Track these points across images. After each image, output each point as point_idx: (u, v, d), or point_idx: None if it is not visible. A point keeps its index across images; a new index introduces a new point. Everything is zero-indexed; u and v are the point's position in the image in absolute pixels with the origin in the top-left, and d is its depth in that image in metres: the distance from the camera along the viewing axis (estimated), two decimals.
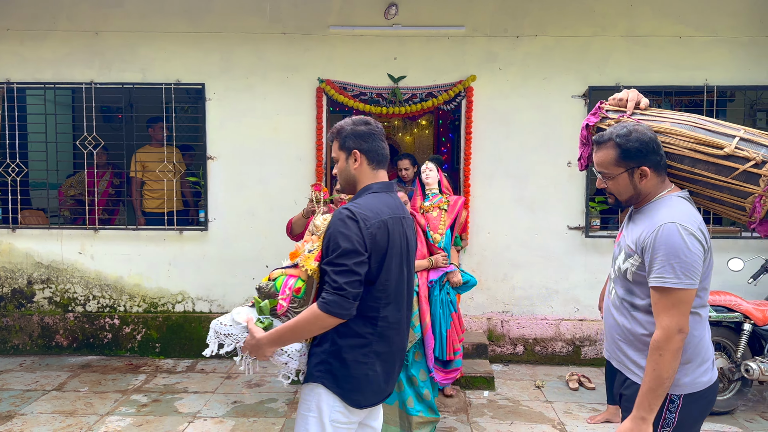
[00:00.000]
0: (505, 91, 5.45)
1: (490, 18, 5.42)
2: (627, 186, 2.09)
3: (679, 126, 2.08)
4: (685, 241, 1.92)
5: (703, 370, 2.02)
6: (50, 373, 5.17)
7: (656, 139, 2.05)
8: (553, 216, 5.46)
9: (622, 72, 5.38)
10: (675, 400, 2.02)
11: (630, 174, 2.06)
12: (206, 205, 5.55)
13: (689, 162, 2.05)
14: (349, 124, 2.24)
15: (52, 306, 5.67)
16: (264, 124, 5.51)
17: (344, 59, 5.47)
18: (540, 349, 5.54)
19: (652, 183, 2.06)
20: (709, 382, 2.03)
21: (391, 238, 2.12)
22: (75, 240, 5.63)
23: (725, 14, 5.33)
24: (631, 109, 2.17)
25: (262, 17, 5.46)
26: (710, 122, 2.09)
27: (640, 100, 2.20)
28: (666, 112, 2.16)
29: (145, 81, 5.52)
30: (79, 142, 5.59)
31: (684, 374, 2.01)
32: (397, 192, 2.35)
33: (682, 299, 1.92)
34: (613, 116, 2.19)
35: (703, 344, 2.04)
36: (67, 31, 5.53)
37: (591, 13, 5.39)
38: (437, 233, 4.14)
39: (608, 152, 2.07)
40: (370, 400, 2.18)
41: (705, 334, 2.05)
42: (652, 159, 2.03)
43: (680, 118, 2.11)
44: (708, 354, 2.05)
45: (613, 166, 2.08)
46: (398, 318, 2.21)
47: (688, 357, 2.00)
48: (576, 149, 5.40)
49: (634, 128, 2.05)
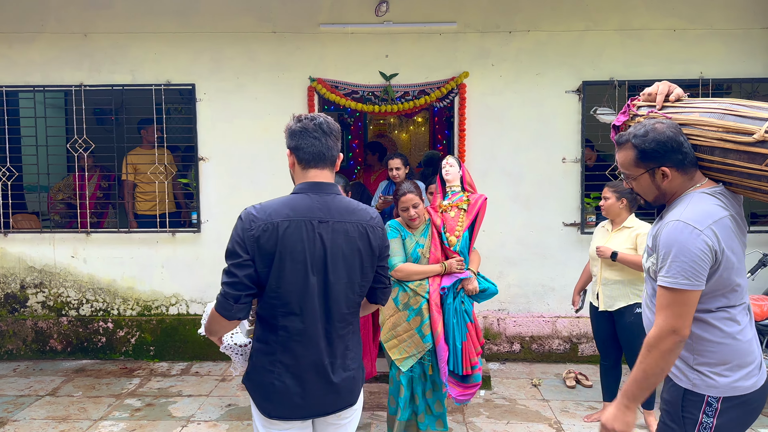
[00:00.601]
0: (498, 87, 5.40)
1: (482, 14, 5.37)
2: (650, 186, 2.03)
3: (708, 115, 1.94)
4: (687, 240, 1.86)
5: (744, 373, 1.93)
6: (44, 378, 5.14)
7: (676, 137, 1.94)
8: (548, 212, 5.42)
9: (616, 66, 5.33)
10: (713, 404, 1.93)
11: (651, 175, 2.00)
12: (198, 207, 5.51)
13: (720, 153, 1.92)
14: (289, 121, 2.14)
15: (46, 310, 5.63)
16: (255, 124, 5.46)
17: (335, 57, 5.43)
18: (537, 346, 5.50)
19: (678, 182, 1.98)
20: (753, 386, 1.94)
21: (283, 243, 1.96)
22: (67, 244, 5.59)
23: (719, 6, 5.28)
24: (660, 102, 2.07)
25: (252, 16, 5.41)
26: (745, 107, 1.92)
27: (672, 92, 2.08)
28: (698, 101, 2.03)
29: (135, 82, 5.48)
30: (70, 144, 5.54)
31: (719, 375, 1.93)
32: (339, 193, 2.12)
33: (679, 300, 1.87)
34: (643, 112, 2.09)
35: (741, 345, 1.94)
36: (56, 34, 5.48)
37: (584, 8, 5.34)
38: (453, 235, 3.72)
39: (627, 153, 2.01)
40: (280, 413, 2.06)
41: (743, 335, 1.95)
42: (672, 158, 1.94)
43: (711, 106, 1.97)
44: (750, 357, 1.95)
45: (633, 168, 2.02)
46: (302, 330, 2.01)
47: (721, 358, 1.93)
48: (570, 144, 5.39)
49: (653, 127, 1.96)
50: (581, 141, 5.38)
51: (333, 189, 2.10)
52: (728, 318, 1.94)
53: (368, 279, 2.14)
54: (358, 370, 2.17)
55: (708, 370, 1.94)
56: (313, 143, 2.07)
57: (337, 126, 2.13)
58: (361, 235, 2.08)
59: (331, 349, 2.07)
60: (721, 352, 1.93)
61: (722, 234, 1.90)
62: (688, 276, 1.85)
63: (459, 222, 3.75)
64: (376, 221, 2.15)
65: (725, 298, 1.93)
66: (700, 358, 1.96)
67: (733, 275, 1.93)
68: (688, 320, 1.89)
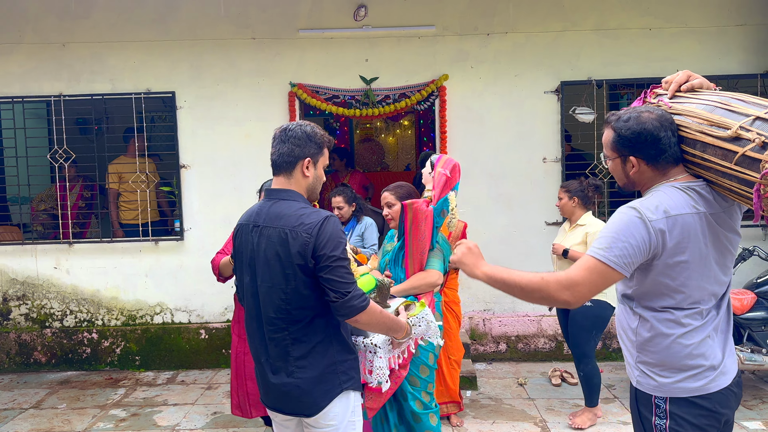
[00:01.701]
0: (478, 89, 5.43)
1: (460, 16, 5.40)
2: (620, 172, 1.97)
3: (702, 107, 1.82)
4: (630, 224, 1.78)
5: (687, 375, 1.84)
6: (28, 390, 5.10)
7: (656, 131, 1.83)
8: (530, 212, 5.45)
9: (594, 66, 5.38)
10: (660, 405, 1.87)
11: (622, 161, 1.93)
12: (181, 215, 5.49)
13: (700, 147, 1.80)
14: None
15: (29, 322, 5.59)
16: (237, 130, 5.46)
17: (315, 62, 5.44)
18: (523, 346, 5.52)
19: (646, 176, 1.90)
20: (704, 389, 1.83)
21: (238, 243, 2.25)
22: (50, 255, 5.56)
23: (694, 5, 5.35)
24: (672, 91, 1.94)
25: (231, 23, 5.42)
26: (742, 101, 1.78)
27: (688, 80, 1.94)
28: (707, 93, 1.89)
29: (115, 91, 5.46)
30: (50, 155, 5.52)
31: (658, 375, 1.87)
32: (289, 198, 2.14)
33: (598, 270, 1.77)
34: (654, 101, 1.99)
35: (683, 349, 1.83)
36: (34, 44, 5.46)
37: (561, 8, 5.38)
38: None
39: (608, 134, 1.96)
40: (263, 400, 2.31)
41: (687, 338, 1.84)
42: (645, 151, 1.86)
43: (713, 98, 1.84)
44: (697, 360, 1.83)
45: (609, 150, 1.97)
46: (248, 325, 2.24)
47: (660, 359, 1.86)
48: (550, 144, 5.43)
49: (638, 115, 1.87)
50: (561, 141, 5.41)
51: (280, 195, 2.16)
52: (672, 320, 1.84)
53: (295, 287, 2.06)
54: (309, 382, 2.10)
55: (648, 369, 1.89)
56: (273, 151, 2.19)
57: (302, 132, 2.15)
58: (281, 240, 2.07)
59: (266, 350, 2.17)
60: (660, 353, 1.86)
61: (677, 232, 1.79)
62: (617, 255, 1.77)
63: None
64: (303, 227, 2.04)
65: (671, 299, 1.84)
66: (641, 356, 1.90)
67: (686, 277, 1.82)
68: (592, 293, 1.81)
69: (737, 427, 4.03)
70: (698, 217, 1.82)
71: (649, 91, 2.06)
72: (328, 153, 2.25)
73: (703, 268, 1.84)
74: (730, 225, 1.90)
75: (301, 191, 2.17)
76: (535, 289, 1.84)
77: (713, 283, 1.87)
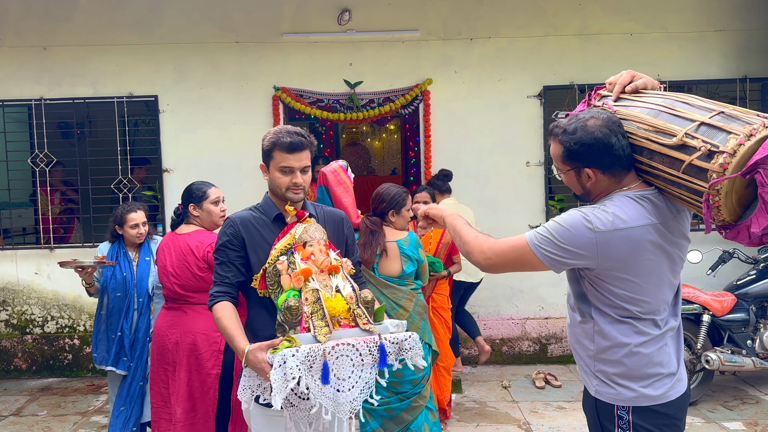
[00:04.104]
0: (462, 93, 5.46)
1: (443, 21, 5.43)
2: (575, 184, 1.89)
3: (646, 111, 1.76)
4: (574, 226, 1.74)
5: (646, 383, 1.81)
6: (8, 398, 5.02)
7: (607, 138, 1.75)
8: (514, 216, 5.47)
9: (576, 71, 5.43)
10: (623, 416, 1.82)
11: (577, 173, 1.85)
12: (164, 219, 5.46)
13: (647, 154, 1.74)
14: None
15: (9, 329, 5.52)
16: (220, 134, 5.45)
17: (299, 66, 5.44)
18: (507, 349, 5.54)
19: (603, 184, 1.82)
20: (663, 397, 1.81)
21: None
22: (30, 260, 5.49)
23: (674, 11, 5.42)
24: (616, 93, 1.88)
25: (214, 27, 5.41)
26: (687, 104, 1.74)
27: (632, 81, 1.88)
28: (651, 95, 1.84)
29: (97, 95, 5.42)
30: (31, 159, 5.46)
31: (618, 385, 1.83)
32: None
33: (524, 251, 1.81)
34: (599, 103, 1.91)
35: (642, 356, 1.81)
36: (14, 47, 5.40)
37: (543, 13, 5.43)
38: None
39: (556, 147, 1.87)
40: None
41: (646, 347, 1.81)
42: (598, 161, 1.78)
43: (657, 101, 1.79)
44: (654, 368, 1.81)
45: (561, 163, 1.88)
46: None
47: (618, 367, 1.83)
48: (533, 149, 5.46)
49: (584, 125, 1.78)
50: (544, 145, 5.46)
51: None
52: (631, 328, 1.81)
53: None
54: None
55: (606, 378, 1.84)
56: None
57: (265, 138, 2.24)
58: None
59: None
60: (618, 362, 1.82)
61: (626, 247, 1.75)
62: (547, 245, 1.77)
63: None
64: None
65: (627, 309, 1.80)
66: (599, 365, 1.86)
67: (640, 289, 1.78)
68: (504, 270, 1.93)
69: (718, 428, 4.08)
70: (652, 228, 1.77)
71: (593, 93, 1.98)
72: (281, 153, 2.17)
73: (656, 279, 1.81)
74: (681, 231, 1.86)
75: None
76: (465, 242, 1.97)
77: (666, 291, 1.84)
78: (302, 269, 2.05)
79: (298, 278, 2.05)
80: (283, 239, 2.14)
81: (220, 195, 3.20)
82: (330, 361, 1.93)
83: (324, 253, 2.10)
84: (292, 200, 2.20)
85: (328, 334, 1.96)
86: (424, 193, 4.53)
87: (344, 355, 1.95)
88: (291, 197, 2.19)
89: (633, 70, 1.90)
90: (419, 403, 3.29)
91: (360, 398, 1.99)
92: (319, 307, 2.01)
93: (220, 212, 3.17)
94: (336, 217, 2.38)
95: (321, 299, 2.02)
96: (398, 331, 2.06)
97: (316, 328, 1.98)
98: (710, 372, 4.41)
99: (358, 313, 2.04)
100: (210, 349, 3.01)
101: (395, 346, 2.02)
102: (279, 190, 2.19)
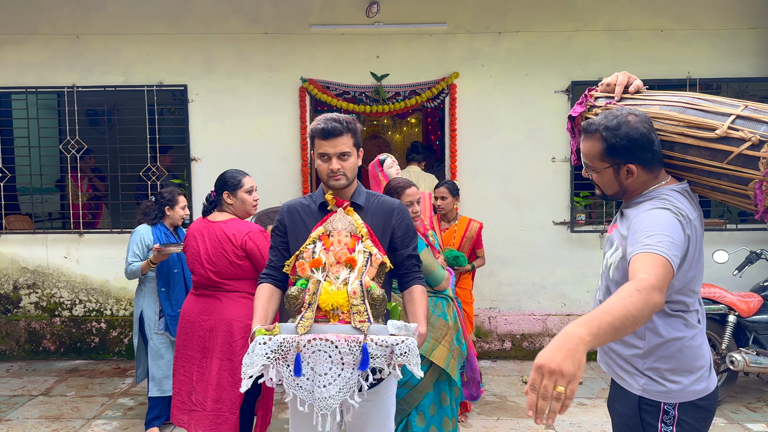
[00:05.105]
0: (489, 87, 5.45)
1: (471, 15, 5.42)
2: (612, 182, 1.89)
3: (669, 108, 1.84)
4: (674, 224, 1.72)
5: (694, 378, 1.83)
6: (37, 378, 5.15)
7: (649, 133, 1.80)
8: (538, 211, 5.47)
9: (604, 66, 5.38)
10: (669, 411, 1.83)
11: (616, 170, 1.85)
12: (191, 207, 5.52)
13: (680, 148, 1.82)
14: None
15: (39, 311, 5.65)
16: (247, 124, 5.50)
17: (327, 58, 5.47)
18: (528, 344, 5.55)
19: (641, 180, 1.85)
20: (705, 390, 1.84)
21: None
22: (60, 244, 5.61)
23: (705, 7, 5.35)
24: (619, 93, 1.95)
25: (243, 18, 5.45)
26: (706, 101, 1.83)
27: (631, 82, 1.96)
28: (658, 94, 1.93)
29: (128, 84, 5.50)
30: (62, 146, 5.57)
31: (669, 381, 1.83)
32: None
33: (663, 266, 1.60)
34: (601, 104, 1.97)
35: (692, 349, 1.83)
36: (48, 35, 5.50)
37: (572, 9, 5.39)
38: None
39: (594, 145, 1.85)
40: None
41: (695, 340, 1.84)
42: (642, 156, 1.81)
43: (672, 99, 1.88)
44: (701, 361, 1.85)
45: (598, 161, 1.87)
46: None
47: (672, 362, 1.82)
48: (560, 144, 5.44)
49: (626, 120, 1.80)
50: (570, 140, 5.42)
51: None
52: (681, 322, 1.83)
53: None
54: None
55: (658, 375, 1.83)
56: None
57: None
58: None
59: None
60: (672, 356, 1.82)
61: (694, 236, 1.80)
62: (676, 251, 1.65)
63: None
64: None
65: (683, 301, 1.82)
66: (649, 362, 1.84)
67: (698, 279, 1.84)
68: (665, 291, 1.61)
69: (741, 429, 4.05)
70: (697, 220, 1.83)
71: (587, 94, 2.02)
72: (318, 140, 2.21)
73: (701, 270, 1.87)
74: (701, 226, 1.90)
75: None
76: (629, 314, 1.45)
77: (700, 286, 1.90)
78: (312, 260, 2.09)
79: (303, 268, 2.10)
80: (320, 227, 2.18)
81: (254, 184, 3.24)
82: (306, 353, 1.94)
83: (344, 244, 2.10)
84: (333, 187, 2.21)
85: (307, 327, 1.97)
86: (443, 188, 4.52)
87: (321, 350, 1.94)
88: (332, 185, 2.20)
89: (627, 72, 1.99)
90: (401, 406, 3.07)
91: (337, 397, 1.95)
92: (316, 299, 2.03)
93: (253, 201, 3.21)
94: (387, 207, 2.31)
95: (319, 291, 2.04)
96: (399, 335, 1.98)
97: (303, 319, 2.00)
98: (734, 373, 4.38)
99: (358, 310, 2.01)
100: (244, 337, 3.04)
101: (384, 350, 1.93)
102: (322, 178, 2.23)
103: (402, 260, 2.30)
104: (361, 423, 2.25)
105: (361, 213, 2.25)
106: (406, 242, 2.31)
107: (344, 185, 2.21)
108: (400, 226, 2.30)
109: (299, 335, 1.95)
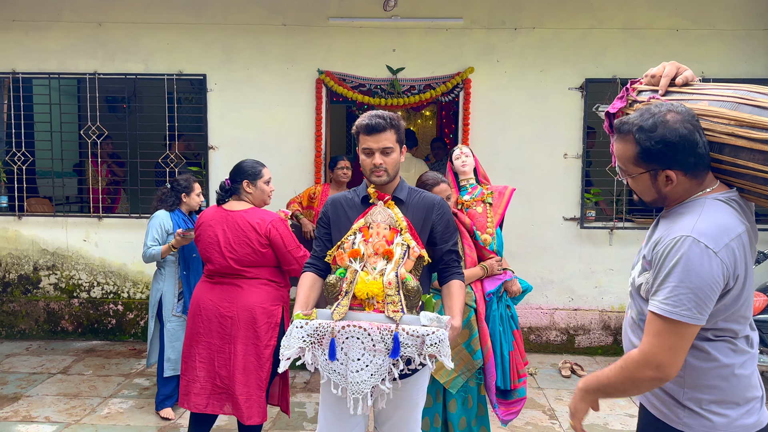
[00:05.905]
0: (503, 83, 5.50)
1: (488, 10, 5.46)
2: (649, 189, 1.65)
3: (719, 104, 1.56)
4: (698, 263, 1.49)
5: (743, 411, 1.60)
6: (55, 357, 5.31)
7: (691, 135, 1.54)
8: (549, 207, 5.53)
9: (619, 64, 5.41)
10: None
11: (653, 177, 1.61)
12: (207, 195, 5.64)
13: (730, 151, 1.55)
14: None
15: (58, 292, 5.80)
16: (264, 114, 5.59)
17: (343, 51, 5.54)
18: (534, 337, 5.63)
19: (684, 187, 1.60)
20: (756, 425, 1.61)
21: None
22: (79, 228, 5.75)
23: (721, 7, 5.36)
24: (664, 87, 1.67)
25: (262, 9, 5.53)
26: (765, 95, 1.54)
27: (680, 73, 1.68)
28: (710, 87, 1.64)
29: (148, 72, 5.61)
30: (83, 131, 5.69)
31: (714, 414, 1.60)
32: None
33: (674, 331, 1.51)
34: (643, 99, 1.70)
35: (741, 379, 1.61)
36: (71, 23, 5.61)
37: (588, 6, 5.42)
38: (486, 233, 3.39)
39: (627, 147, 1.61)
40: None
41: (745, 368, 1.62)
42: (683, 161, 1.56)
43: (725, 93, 1.59)
44: (751, 392, 1.62)
45: (632, 165, 1.63)
46: None
47: (717, 393, 1.60)
48: (572, 140, 5.49)
49: (663, 120, 1.55)
50: (583, 137, 5.48)
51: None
52: (730, 348, 1.60)
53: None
54: None
55: (701, 407, 1.61)
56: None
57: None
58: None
59: None
60: (717, 387, 1.60)
61: (739, 254, 1.54)
62: (691, 307, 1.49)
63: (489, 218, 3.48)
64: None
65: (731, 329, 1.60)
66: (691, 393, 1.62)
67: (747, 302, 1.60)
68: (679, 357, 1.52)
69: None
70: (745, 233, 1.59)
71: (629, 87, 1.77)
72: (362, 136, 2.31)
73: (750, 290, 1.62)
74: (755, 241, 1.68)
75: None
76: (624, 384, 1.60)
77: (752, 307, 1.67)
78: (351, 250, 2.19)
79: (342, 257, 2.21)
80: (361, 220, 2.28)
81: (271, 176, 3.33)
82: (339, 339, 2.05)
83: (382, 236, 2.19)
84: (375, 183, 2.30)
85: (342, 314, 2.08)
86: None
87: (354, 336, 2.04)
88: (374, 180, 2.29)
89: (676, 62, 1.72)
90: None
91: (369, 382, 2.03)
92: (352, 288, 2.14)
93: (270, 191, 3.30)
94: (427, 202, 2.38)
95: (356, 280, 2.14)
96: (431, 326, 2.05)
97: (339, 306, 2.12)
98: None
99: (392, 300, 2.10)
100: (268, 322, 3.10)
101: (416, 339, 2.01)
102: (365, 173, 2.31)
103: (441, 255, 2.37)
104: (389, 410, 2.34)
105: (402, 207, 2.33)
106: (446, 237, 2.38)
107: (385, 182, 2.29)
108: (441, 221, 2.37)
109: (334, 321, 2.06)
